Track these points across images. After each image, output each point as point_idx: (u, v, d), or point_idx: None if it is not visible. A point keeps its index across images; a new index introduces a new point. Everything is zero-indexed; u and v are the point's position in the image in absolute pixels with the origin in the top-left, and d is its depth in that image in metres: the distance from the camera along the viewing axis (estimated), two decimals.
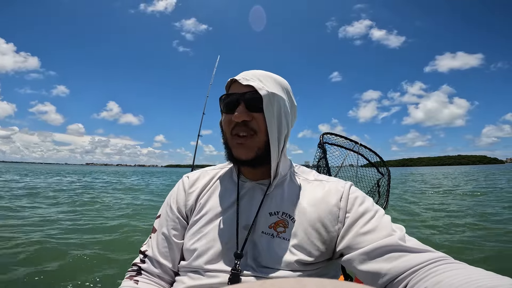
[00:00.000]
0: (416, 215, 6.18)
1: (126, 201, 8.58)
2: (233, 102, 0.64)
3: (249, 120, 0.63)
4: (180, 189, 0.75)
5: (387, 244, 0.52)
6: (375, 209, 0.62)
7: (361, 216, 0.60)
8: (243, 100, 0.63)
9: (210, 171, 0.79)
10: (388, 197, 1.74)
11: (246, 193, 0.69)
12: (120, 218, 5.74)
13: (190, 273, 0.63)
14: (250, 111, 0.63)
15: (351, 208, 0.62)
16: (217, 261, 0.62)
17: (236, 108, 0.63)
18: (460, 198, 8.86)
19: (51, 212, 6.27)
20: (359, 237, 0.57)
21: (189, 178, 0.77)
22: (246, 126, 0.63)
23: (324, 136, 1.87)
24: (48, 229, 4.54)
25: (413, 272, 0.47)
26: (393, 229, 0.56)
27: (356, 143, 1.86)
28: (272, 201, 0.66)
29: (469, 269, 0.44)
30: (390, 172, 1.79)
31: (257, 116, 0.63)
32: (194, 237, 0.66)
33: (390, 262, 0.50)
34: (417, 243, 0.54)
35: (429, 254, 0.50)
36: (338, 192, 0.66)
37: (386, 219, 0.59)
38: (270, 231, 0.63)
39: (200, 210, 0.69)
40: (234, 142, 0.65)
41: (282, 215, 0.64)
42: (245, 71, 0.68)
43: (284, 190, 0.68)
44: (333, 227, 0.62)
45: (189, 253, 0.66)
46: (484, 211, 6.28)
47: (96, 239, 4.08)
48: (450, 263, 0.47)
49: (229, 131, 0.66)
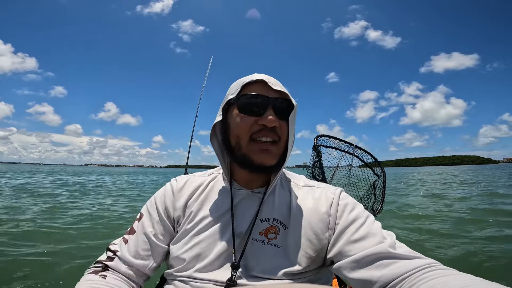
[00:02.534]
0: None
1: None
2: (262, 104, 0.61)
3: (277, 127, 0.61)
4: (168, 191, 0.72)
5: (378, 252, 0.52)
6: (366, 215, 0.62)
7: (351, 223, 0.59)
8: (275, 105, 0.61)
9: (199, 177, 0.76)
10: (384, 199, 1.74)
11: (241, 201, 0.68)
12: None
13: (177, 282, 0.62)
14: (277, 118, 0.61)
15: (341, 215, 0.62)
16: (210, 271, 0.60)
17: (264, 111, 0.60)
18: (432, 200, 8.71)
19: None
20: (349, 245, 0.56)
21: (178, 182, 0.74)
22: (274, 132, 0.61)
23: (318, 138, 1.86)
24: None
25: (404, 279, 0.47)
26: (384, 236, 0.56)
27: (351, 144, 1.85)
28: (264, 208, 0.65)
29: (460, 275, 0.44)
30: (386, 174, 1.78)
31: (282, 124, 0.63)
32: (186, 245, 0.64)
33: (381, 269, 0.50)
34: (407, 249, 0.54)
35: (420, 260, 0.50)
36: (328, 198, 0.65)
37: (376, 226, 0.59)
38: (261, 237, 0.62)
39: (193, 219, 0.67)
40: (256, 147, 0.61)
41: (273, 222, 0.64)
42: (262, 74, 0.64)
43: (275, 196, 0.67)
44: (323, 234, 0.61)
45: (178, 262, 0.64)
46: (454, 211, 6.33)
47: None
48: (441, 269, 0.47)
49: (249, 135, 0.61)
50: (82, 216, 5.53)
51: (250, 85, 0.63)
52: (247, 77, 0.64)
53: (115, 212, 6.37)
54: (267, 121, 0.59)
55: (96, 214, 5.93)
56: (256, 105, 0.61)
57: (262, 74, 0.64)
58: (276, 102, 0.61)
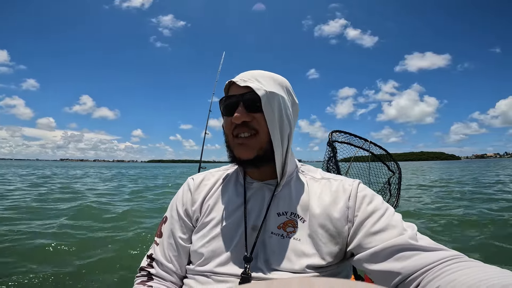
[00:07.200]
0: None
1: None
2: (232, 104, 0.64)
3: (249, 121, 0.62)
4: (185, 191, 0.75)
5: (398, 243, 0.51)
6: (385, 207, 0.60)
7: (370, 215, 0.59)
8: (242, 101, 0.63)
9: (215, 173, 0.79)
10: (399, 195, 1.73)
11: (253, 194, 0.68)
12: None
13: (197, 276, 0.63)
14: (250, 112, 0.62)
15: (359, 207, 0.61)
16: (226, 264, 0.61)
17: (236, 109, 0.62)
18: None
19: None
20: (369, 237, 0.56)
21: (194, 180, 0.76)
22: (247, 126, 0.63)
23: (333, 134, 1.81)
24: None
25: (426, 271, 0.46)
26: (404, 228, 0.55)
27: (366, 140, 1.82)
28: (280, 201, 0.66)
29: (484, 267, 0.43)
30: (401, 170, 1.78)
31: (258, 116, 0.62)
32: (202, 240, 0.66)
33: (402, 261, 0.49)
34: (429, 241, 0.53)
35: (442, 252, 0.49)
36: (346, 191, 0.64)
37: (396, 218, 0.58)
38: (279, 231, 0.62)
39: (209, 214, 0.69)
40: (235, 142, 0.65)
41: (291, 215, 0.64)
42: (243, 72, 0.68)
43: (292, 190, 0.67)
44: (343, 227, 0.60)
45: (196, 256, 0.65)
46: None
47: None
48: (464, 262, 0.46)
49: (231, 133, 0.66)
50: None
51: (230, 88, 0.67)
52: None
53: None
54: (233, 118, 0.62)
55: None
56: (230, 105, 0.64)
57: (243, 73, 0.67)
58: (244, 98, 0.62)
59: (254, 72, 0.66)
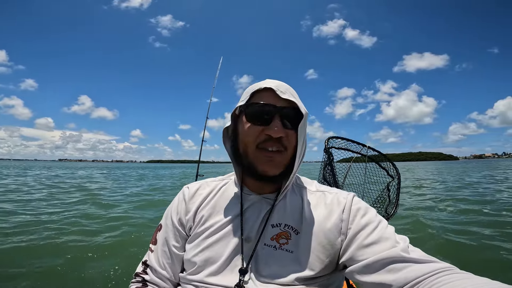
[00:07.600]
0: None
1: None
2: (267, 113, 0.60)
3: (283, 136, 0.60)
4: (180, 200, 0.74)
5: (390, 256, 0.51)
6: (378, 220, 0.61)
7: (363, 227, 0.59)
8: (281, 114, 0.60)
9: (211, 182, 0.78)
10: (398, 201, 1.70)
11: (250, 206, 0.68)
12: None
13: (189, 286, 0.63)
14: (284, 127, 0.60)
15: (353, 220, 0.61)
16: (218, 275, 0.61)
17: (271, 121, 0.60)
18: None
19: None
20: (361, 249, 0.56)
21: (190, 189, 0.75)
22: (279, 142, 0.60)
23: (329, 140, 1.77)
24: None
25: (417, 283, 0.47)
26: (397, 240, 0.55)
27: (364, 145, 1.79)
28: (274, 213, 0.65)
29: (475, 279, 0.43)
30: (400, 175, 1.74)
31: (290, 134, 0.61)
32: (195, 249, 0.65)
33: (394, 273, 0.49)
34: (421, 254, 0.53)
35: (434, 264, 0.49)
36: (340, 203, 0.65)
37: (389, 230, 0.58)
38: (272, 243, 0.62)
39: (204, 223, 0.68)
40: (262, 156, 0.61)
41: (285, 227, 0.64)
42: (272, 80, 0.64)
43: (287, 202, 0.67)
44: (336, 239, 0.61)
45: (190, 265, 0.65)
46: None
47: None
48: (455, 273, 0.46)
49: (255, 143, 0.62)
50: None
51: (260, 92, 0.63)
52: (257, 84, 0.64)
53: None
54: (273, 131, 0.59)
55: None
56: (262, 114, 0.61)
57: (273, 81, 0.64)
58: (283, 111, 0.60)
59: (284, 84, 0.64)
